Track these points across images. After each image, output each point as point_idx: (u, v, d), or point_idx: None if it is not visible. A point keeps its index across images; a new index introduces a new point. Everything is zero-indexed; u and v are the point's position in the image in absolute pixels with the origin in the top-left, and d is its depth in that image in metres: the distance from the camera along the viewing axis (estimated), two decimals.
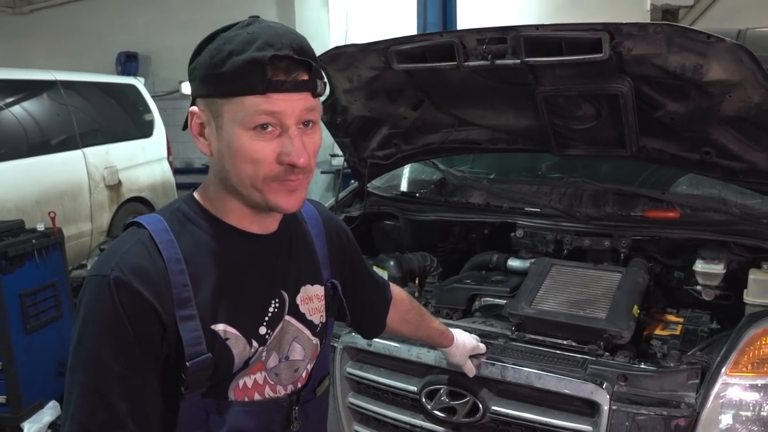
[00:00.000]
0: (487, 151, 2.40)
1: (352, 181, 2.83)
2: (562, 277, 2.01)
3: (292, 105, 0.90)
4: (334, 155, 7.04)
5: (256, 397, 1.02)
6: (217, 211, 1.00)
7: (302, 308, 1.07)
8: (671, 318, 2.02)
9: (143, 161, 6.19)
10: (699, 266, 1.95)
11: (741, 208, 2.03)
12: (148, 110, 6.56)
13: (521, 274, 2.17)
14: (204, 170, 7.99)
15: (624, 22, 1.58)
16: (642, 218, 2.09)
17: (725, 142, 1.85)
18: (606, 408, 1.54)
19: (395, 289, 1.43)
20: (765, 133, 1.75)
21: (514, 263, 2.24)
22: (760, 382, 1.49)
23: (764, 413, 1.48)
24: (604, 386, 1.57)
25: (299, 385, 1.09)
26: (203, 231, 0.98)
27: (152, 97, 6.66)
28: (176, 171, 6.90)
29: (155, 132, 6.51)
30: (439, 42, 1.86)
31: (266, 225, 1.03)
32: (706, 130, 1.84)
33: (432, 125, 2.34)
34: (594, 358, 1.68)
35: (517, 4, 7.37)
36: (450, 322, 2.01)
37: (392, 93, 2.24)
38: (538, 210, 2.24)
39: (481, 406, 1.68)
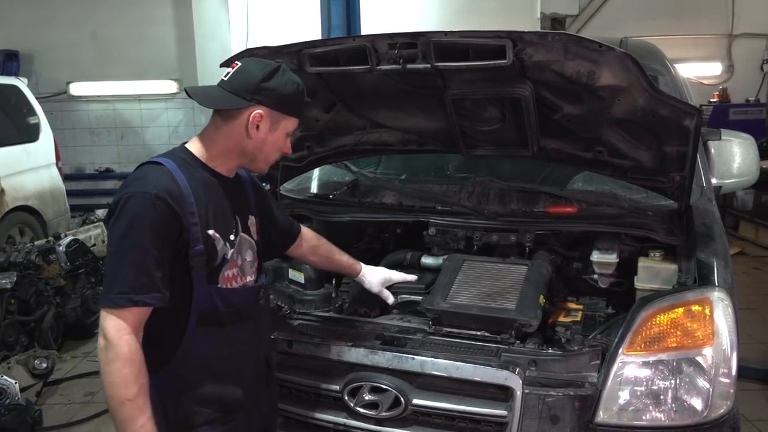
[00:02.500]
0: (399, 153, 2.47)
1: (264, 183, 2.81)
2: (474, 271, 2.11)
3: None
4: None
5: (234, 283, 1.57)
6: (208, 161, 1.55)
7: (250, 229, 1.67)
8: (572, 305, 2.17)
9: (29, 167, 5.76)
10: (595, 256, 2.12)
11: (630, 202, 2.22)
12: (32, 112, 6.11)
13: (435, 271, 2.25)
14: (96, 176, 7.53)
15: (525, 30, 1.69)
16: (544, 214, 2.23)
17: (615, 142, 2.02)
18: (519, 392, 1.64)
19: (305, 229, 1.99)
20: (649, 133, 1.93)
21: (427, 260, 2.32)
22: (651, 358, 1.65)
23: (656, 387, 1.63)
24: (516, 372, 1.67)
25: (253, 276, 1.66)
26: (197, 170, 1.52)
27: (37, 98, 6.22)
28: (66, 177, 6.47)
29: (41, 136, 6.07)
30: (351, 46, 1.89)
31: (231, 173, 1.62)
32: (598, 131, 2.00)
33: (344, 128, 2.38)
34: (506, 347, 1.78)
35: (419, 9, 7.57)
36: (370, 320, 2.05)
37: None
38: (449, 208, 2.34)
39: (402, 399, 1.73)
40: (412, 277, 2.16)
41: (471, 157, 2.25)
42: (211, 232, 1.49)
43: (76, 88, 7.71)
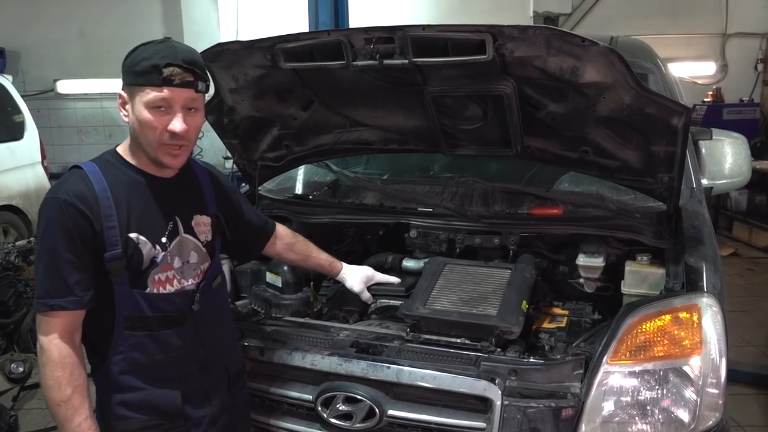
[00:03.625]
0: (380, 152, 2.40)
1: (243, 184, 2.73)
2: (455, 275, 2.03)
3: (178, 95, 1.42)
4: (227, 158, 6.81)
5: (168, 287, 1.51)
6: (132, 160, 1.51)
7: (195, 230, 1.60)
8: (558, 311, 2.10)
9: (13, 166, 5.67)
10: (581, 260, 2.05)
11: (617, 203, 2.15)
12: (17, 110, 6.01)
13: (416, 274, 2.18)
14: None
15: (505, 24, 1.62)
16: (528, 215, 2.16)
17: (601, 141, 1.94)
18: (498, 403, 1.57)
19: (280, 227, 1.97)
20: (635, 132, 1.86)
21: (408, 263, 2.24)
22: (637, 368, 1.57)
23: (641, 397, 1.56)
24: (496, 382, 1.59)
25: (198, 279, 1.58)
26: (123, 172, 1.49)
27: (23, 96, 6.12)
28: (52, 176, 6.35)
29: (26, 134, 5.97)
30: (326, 41, 1.82)
31: (168, 172, 1.54)
32: (583, 130, 1.93)
33: (323, 126, 2.30)
34: (486, 355, 1.70)
35: (409, 6, 7.50)
36: (346, 326, 1.97)
37: (281, 93, 2.17)
38: (431, 210, 2.26)
39: (377, 410, 1.65)
40: (394, 279, 2.11)
41: (453, 156, 2.17)
42: (133, 235, 1.45)
43: (64, 86, 7.61)
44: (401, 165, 2.65)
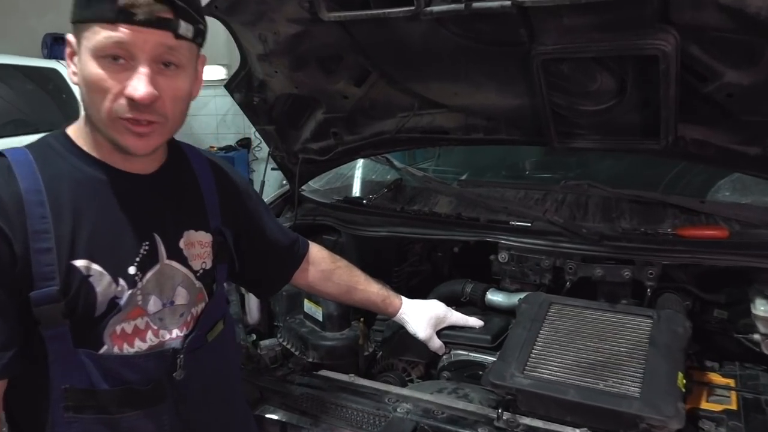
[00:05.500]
0: (459, 143, 1.77)
1: (284, 182, 2.18)
2: (566, 322, 1.40)
3: (144, 39, 0.89)
4: (230, 148, 6.38)
5: (137, 343, 0.99)
6: (87, 146, 0.98)
7: (186, 253, 1.06)
8: (716, 378, 1.43)
9: None
10: (760, 308, 1.37)
11: None
12: (72, 97, 5.79)
13: (506, 313, 1.57)
14: None
15: None
16: (675, 237, 1.50)
17: None
18: None
19: (315, 248, 1.42)
20: None
21: (495, 297, 1.63)
22: None
23: None
24: None
25: (186, 330, 1.05)
26: (70, 164, 0.96)
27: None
28: None
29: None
30: None
31: (141, 165, 1.01)
32: None
33: (383, 107, 1.71)
34: None
35: None
36: (407, 393, 1.37)
37: (326, 61, 1.60)
38: (528, 224, 1.63)
39: None
40: (474, 321, 1.51)
41: (565, 150, 1.52)
42: (81, 263, 0.93)
43: None
44: (484, 161, 2.03)
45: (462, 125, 1.66)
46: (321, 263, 1.40)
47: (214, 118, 7.40)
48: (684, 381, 1.23)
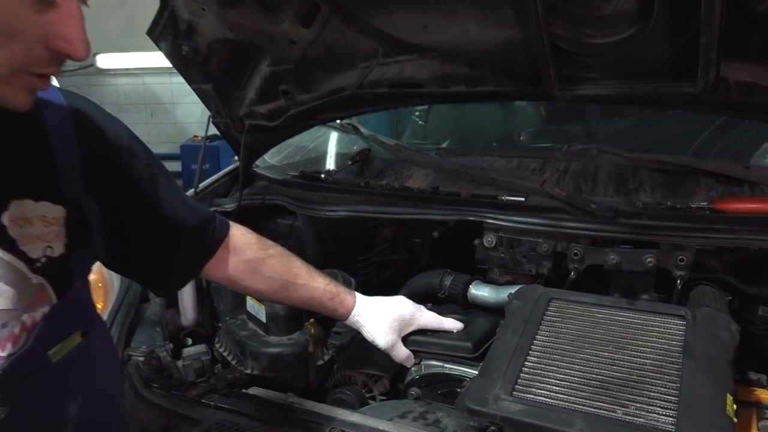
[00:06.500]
0: (436, 99, 1.44)
1: (235, 158, 1.84)
2: (570, 325, 1.06)
3: None
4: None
5: None
6: None
7: (12, 232, 0.73)
8: (765, 396, 1.09)
9: None
10: None
11: None
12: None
13: (493, 312, 1.23)
14: None
15: None
16: (712, 213, 1.15)
17: None
18: None
19: (238, 231, 1.07)
20: None
21: (480, 292, 1.29)
22: None
23: None
24: None
25: (12, 347, 0.73)
26: None
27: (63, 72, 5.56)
28: None
29: None
30: None
31: None
32: None
33: (340, 55, 1.37)
34: None
35: None
36: (361, 421, 1.03)
37: None
38: (522, 199, 1.29)
39: None
40: (451, 323, 1.17)
41: (568, 99, 1.17)
42: None
43: (104, 60, 7.07)
44: (468, 124, 1.68)
45: (438, 75, 1.31)
46: (246, 251, 1.07)
47: (198, 106, 7.02)
48: (734, 407, 0.88)
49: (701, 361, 0.93)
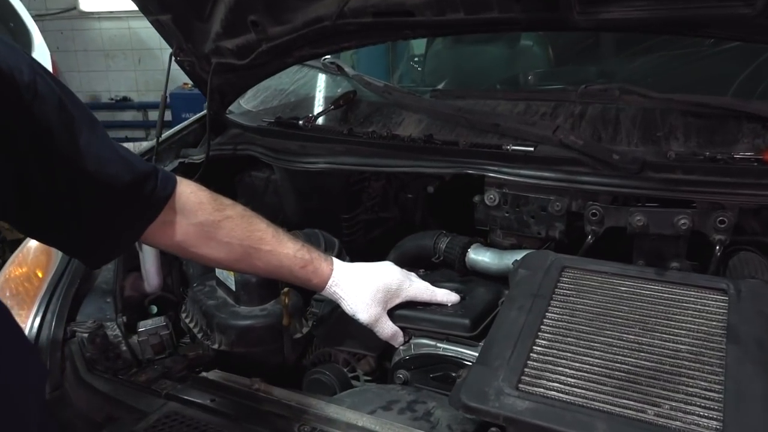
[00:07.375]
0: (431, 31, 1.22)
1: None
2: (588, 300, 0.89)
3: None
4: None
5: None
6: None
7: None
8: None
9: None
10: None
11: None
12: (23, 28, 5.14)
13: (496, 281, 1.06)
14: (112, 105, 6.58)
15: None
16: (760, 166, 0.96)
17: None
18: None
19: (187, 188, 0.89)
20: None
21: (480, 257, 1.11)
22: None
23: None
24: None
25: None
26: None
27: (44, 15, 5.28)
28: None
29: (33, 55, 5.12)
30: None
31: None
32: None
33: None
34: None
35: None
36: (325, 411, 0.87)
37: None
38: (531, 149, 1.10)
39: None
40: (445, 295, 1.00)
41: (590, 27, 0.96)
42: None
43: (87, 3, 6.73)
44: (467, 63, 1.47)
45: (432, 0, 1.10)
46: (197, 212, 0.89)
47: None
48: None
49: (749, 346, 0.76)
